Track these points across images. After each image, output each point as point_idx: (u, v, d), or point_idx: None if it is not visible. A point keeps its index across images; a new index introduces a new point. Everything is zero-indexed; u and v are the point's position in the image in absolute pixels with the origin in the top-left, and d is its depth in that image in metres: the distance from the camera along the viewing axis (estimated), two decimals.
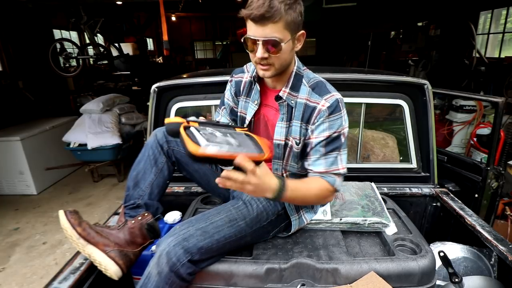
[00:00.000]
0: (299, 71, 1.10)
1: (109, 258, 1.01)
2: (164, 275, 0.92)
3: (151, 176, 1.15)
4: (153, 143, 1.16)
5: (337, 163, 1.05)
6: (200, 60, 13.80)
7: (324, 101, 1.03)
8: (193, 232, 0.98)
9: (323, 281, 1.04)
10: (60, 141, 3.72)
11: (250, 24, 0.93)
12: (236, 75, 1.23)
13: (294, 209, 1.17)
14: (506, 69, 5.16)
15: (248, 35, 0.95)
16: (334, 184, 1.04)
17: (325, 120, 1.03)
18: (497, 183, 1.73)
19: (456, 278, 1.11)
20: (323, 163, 1.05)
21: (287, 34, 0.94)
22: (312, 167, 1.07)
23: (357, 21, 9.49)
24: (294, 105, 1.07)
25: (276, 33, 0.92)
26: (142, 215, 1.11)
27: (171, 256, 0.93)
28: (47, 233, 2.85)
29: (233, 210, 1.08)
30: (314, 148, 1.06)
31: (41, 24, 5.30)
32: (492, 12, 6.68)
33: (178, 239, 0.96)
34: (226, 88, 1.28)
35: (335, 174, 1.05)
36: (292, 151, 1.11)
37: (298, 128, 1.08)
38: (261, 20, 0.90)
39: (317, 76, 1.11)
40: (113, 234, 1.06)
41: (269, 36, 0.92)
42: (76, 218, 1.04)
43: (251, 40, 0.95)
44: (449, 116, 3.81)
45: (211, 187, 1.32)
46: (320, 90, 1.06)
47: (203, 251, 0.98)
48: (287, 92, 1.07)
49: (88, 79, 6.43)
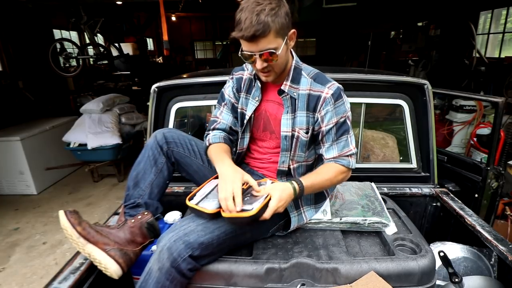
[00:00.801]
0: (298, 65, 1.15)
1: (109, 256, 1.01)
2: (165, 271, 0.92)
3: (151, 176, 1.16)
4: (153, 144, 1.18)
5: (348, 145, 1.13)
6: (200, 60, 13.81)
7: (328, 89, 1.09)
8: (194, 228, 0.99)
9: (323, 281, 1.04)
10: (60, 141, 3.72)
11: (243, 42, 0.98)
12: (236, 73, 1.26)
13: (293, 206, 1.18)
14: (506, 69, 5.16)
15: (244, 51, 1.00)
16: (349, 166, 1.13)
17: (332, 107, 1.09)
18: (497, 183, 1.73)
19: (456, 278, 1.11)
20: (335, 148, 1.12)
21: (280, 41, 0.99)
22: (326, 154, 1.14)
23: (357, 21, 9.49)
24: (297, 96, 1.12)
25: (269, 44, 0.97)
26: (142, 214, 1.12)
27: (172, 251, 0.93)
28: (47, 233, 2.85)
29: None
30: (325, 135, 1.12)
31: (41, 24, 5.31)
32: (492, 12, 6.68)
33: (179, 234, 0.97)
34: (226, 85, 1.29)
35: (347, 156, 1.12)
36: (299, 141, 1.14)
37: (304, 118, 1.12)
38: (253, 39, 0.94)
39: (315, 69, 1.17)
40: (113, 233, 1.06)
41: (264, 49, 0.97)
42: (76, 218, 1.04)
43: (249, 56, 1.00)
44: (449, 116, 3.81)
45: None
46: (322, 80, 1.12)
47: (203, 246, 0.98)
48: (288, 85, 1.12)
49: (88, 79, 6.43)
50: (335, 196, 1.38)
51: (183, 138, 1.24)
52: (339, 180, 1.13)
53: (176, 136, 1.23)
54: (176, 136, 1.23)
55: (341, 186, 1.46)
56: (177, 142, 1.22)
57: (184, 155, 1.24)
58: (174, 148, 1.21)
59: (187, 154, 1.24)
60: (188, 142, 1.25)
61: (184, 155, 1.24)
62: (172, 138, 1.21)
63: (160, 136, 1.20)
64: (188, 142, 1.25)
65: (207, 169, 1.27)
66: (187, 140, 1.25)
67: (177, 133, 1.25)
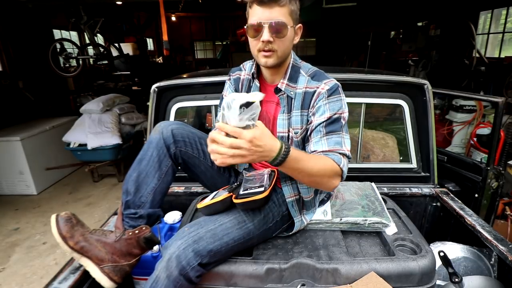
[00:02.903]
0: (296, 63, 1.11)
1: (103, 273, 0.97)
2: (173, 279, 0.90)
3: (154, 182, 1.06)
4: (159, 142, 1.07)
5: (340, 143, 1.00)
6: (200, 60, 13.80)
7: (324, 85, 1.04)
8: (202, 235, 0.96)
9: (323, 281, 1.03)
10: (60, 141, 3.72)
11: (255, 8, 0.96)
12: (233, 74, 1.24)
13: (298, 210, 1.17)
14: (506, 69, 5.15)
15: (254, 20, 0.96)
16: (340, 163, 0.96)
17: (325, 101, 1.02)
18: (497, 183, 1.73)
19: (456, 278, 1.11)
20: (325, 142, 1.00)
21: (291, 21, 0.98)
22: (314, 147, 1.01)
23: (357, 21, 9.49)
24: (293, 96, 1.07)
25: (282, 16, 0.95)
26: (140, 228, 1.04)
27: (181, 260, 0.91)
28: (47, 233, 2.85)
29: (241, 212, 1.06)
30: (315, 129, 1.02)
31: (41, 24, 5.30)
32: (492, 12, 6.68)
33: (188, 242, 0.94)
34: (224, 88, 1.27)
35: (339, 153, 0.99)
36: (293, 143, 1.10)
37: (299, 118, 1.07)
38: (269, 2, 0.93)
39: (314, 67, 1.13)
40: (109, 244, 1.00)
41: (276, 19, 0.95)
42: (70, 227, 0.97)
43: (256, 25, 0.96)
44: (449, 116, 3.81)
45: (217, 189, 1.31)
46: (319, 77, 1.07)
47: (212, 254, 0.95)
48: (285, 84, 1.08)
49: (88, 79, 6.43)
50: (335, 196, 1.38)
51: (192, 137, 1.13)
52: (327, 174, 0.95)
53: (185, 133, 1.11)
54: (185, 134, 1.11)
55: (341, 186, 1.45)
56: (186, 141, 1.11)
57: (192, 155, 1.14)
58: (182, 148, 1.11)
59: (195, 155, 1.15)
60: (197, 141, 1.15)
61: (192, 156, 1.14)
62: (181, 136, 1.10)
63: (168, 133, 1.08)
64: (198, 141, 1.15)
65: (215, 171, 1.22)
66: (197, 139, 1.14)
67: (186, 129, 1.13)
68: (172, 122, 1.15)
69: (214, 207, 1.06)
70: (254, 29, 0.98)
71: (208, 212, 1.07)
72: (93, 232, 1.02)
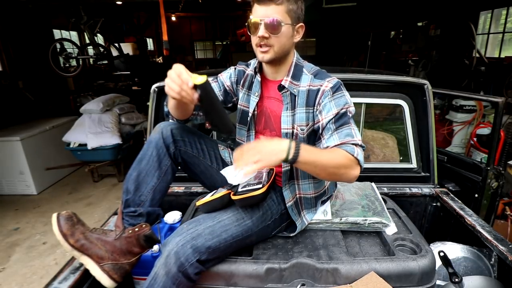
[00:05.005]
0: (299, 62, 1.15)
1: (103, 272, 0.98)
2: (171, 275, 0.90)
3: (153, 181, 1.08)
4: (158, 141, 1.09)
5: (351, 135, 1.01)
6: (200, 60, 13.79)
7: (327, 82, 1.07)
8: (201, 231, 0.97)
9: (323, 281, 1.04)
10: (60, 141, 3.72)
11: (255, 6, 1.03)
12: (240, 66, 1.26)
13: (297, 213, 1.17)
14: (506, 69, 5.15)
15: (252, 18, 1.03)
16: (353, 153, 0.96)
17: (330, 99, 1.06)
18: (497, 183, 1.73)
19: (456, 278, 1.11)
20: (336, 137, 1.01)
21: (288, 19, 1.03)
22: (327, 143, 1.02)
23: (357, 21, 9.48)
24: (297, 93, 1.10)
25: (277, 14, 1.01)
26: (140, 226, 1.05)
27: (179, 256, 0.91)
28: (47, 233, 2.85)
29: (240, 209, 1.07)
30: (325, 127, 1.05)
31: (41, 24, 5.31)
32: (492, 12, 6.67)
33: (187, 238, 0.94)
34: (225, 71, 1.27)
35: (351, 144, 0.99)
36: (299, 139, 1.12)
37: (304, 114, 1.10)
38: (266, 0, 1.00)
39: (316, 66, 1.18)
40: (109, 243, 1.01)
41: (271, 16, 1.00)
42: (70, 225, 0.97)
43: (254, 22, 1.03)
44: (449, 116, 3.81)
45: (216, 188, 1.31)
46: (322, 76, 1.11)
47: (210, 250, 0.96)
48: (288, 81, 1.11)
49: (88, 79, 6.42)
50: (335, 196, 1.38)
51: (192, 136, 1.16)
52: (343, 164, 0.95)
53: (184, 133, 1.14)
54: (184, 134, 1.14)
55: (341, 186, 1.45)
56: (185, 140, 1.14)
57: (192, 155, 1.16)
58: (182, 148, 1.13)
59: (195, 154, 1.17)
60: (197, 141, 1.18)
61: (192, 155, 1.17)
62: (181, 136, 1.12)
63: (167, 133, 1.10)
64: (197, 140, 1.18)
65: (215, 170, 1.22)
66: (196, 139, 1.18)
67: (185, 129, 1.15)
68: (172, 122, 1.16)
69: (213, 204, 1.07)
70: (252, 26, 1.04)
71: (207, 209, 1.08)
72: (94, 231, 1.03)
